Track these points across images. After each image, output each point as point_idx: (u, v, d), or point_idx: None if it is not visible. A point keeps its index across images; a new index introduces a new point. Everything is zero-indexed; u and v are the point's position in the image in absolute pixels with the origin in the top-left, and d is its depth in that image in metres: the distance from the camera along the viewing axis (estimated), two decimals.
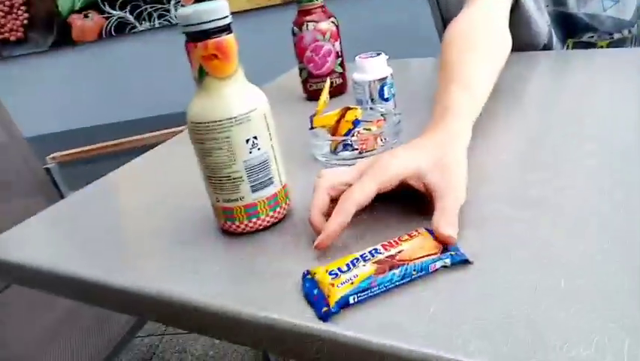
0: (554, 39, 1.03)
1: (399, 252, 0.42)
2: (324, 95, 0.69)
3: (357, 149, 0.64)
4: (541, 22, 0.99)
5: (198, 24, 0.45)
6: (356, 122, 0.66)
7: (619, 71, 0.83)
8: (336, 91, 0.92)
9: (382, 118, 0.69)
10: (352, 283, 0.40)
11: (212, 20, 0.45)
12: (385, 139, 0.66)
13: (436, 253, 0.42)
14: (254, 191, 0.51)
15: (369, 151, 0.64)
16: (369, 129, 0.66)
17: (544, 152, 0.60)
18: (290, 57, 0.96)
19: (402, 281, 0.41)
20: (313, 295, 0.41)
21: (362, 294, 0.39)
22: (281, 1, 2.30)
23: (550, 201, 0.49)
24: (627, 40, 1.04)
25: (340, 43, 0.91)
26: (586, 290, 0.37)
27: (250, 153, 0.50)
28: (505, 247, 0.44)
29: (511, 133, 0.67)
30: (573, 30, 1.03)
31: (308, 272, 0.43)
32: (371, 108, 0.73)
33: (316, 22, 0.88)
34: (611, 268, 0.39)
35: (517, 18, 0.97)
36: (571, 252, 0.42)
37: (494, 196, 0.52)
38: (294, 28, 0.90)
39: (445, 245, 0.43)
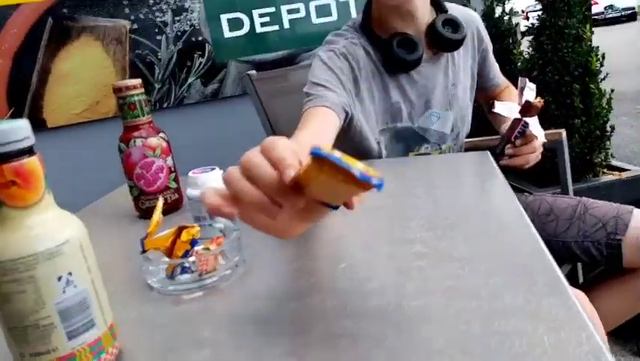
0: (395, 154, 1.13)
1: None
2: (157, 214, 0.63)
3: (196, 271, 0.59)
4: (372, 139, 1.09)
5: None
6: (193, 242, 0.61)
7: (433, 174, 0.93)
8: (172, 207, 0.87)
9: (222, 235, 0.66)
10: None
11: (9, 143, 0.39)
12: (227, 257, 0.62)
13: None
14: (70, 338, 0.42)
15: (210, 272, 0.59)
16: (208, 249, 0.62)
17: (378, 258, 0.62)
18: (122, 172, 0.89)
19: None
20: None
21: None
22: (113, 114, 2.21)
23: (391, 306, 0.50)
24: (450, 149, 1.19)
25: (173, 158, 0.88)
26: None
27: (63, 292, 0.42)
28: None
29: (345, 240, 0.69)
30: (413, 142, 1.15)
31: None
32: (209, 225, 0.69)
33: (144, 137, 0.84)
34: None
35: (351, 136, 1.06)
36: None
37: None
38: (121, 144, 0.84)
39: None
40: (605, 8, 18.73)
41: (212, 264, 0.59)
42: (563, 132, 1.39)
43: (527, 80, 1.00)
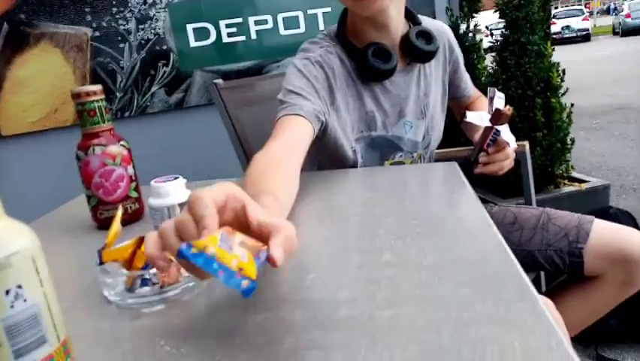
0: (371, 163, 1.14)
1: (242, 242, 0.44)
2: (115, 224, 0.61)
3: (157, 283, 0.57)
4: (348, 147, 1.09)
5: None
6: None
7: (399, 185, 0.93)
8: (132, 218, 0.84)
9: None
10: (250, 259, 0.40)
11: None
12: None
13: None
14: (18, 357, 0.39)
15: (171, 284, 0.57)
16: (169, 260, 0.59)
17: (348, 267, 0.61)
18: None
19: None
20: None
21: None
22: (72, 122, 2.14)
23: (362, 317, 0.49)
24: (421, 157, 1.20)
25: (134, 166, 0.85)
26: None
27: (12, 307, 0.38)
28: None
29: (314, 250, 0.67)
30: (388, 151, 1.15)
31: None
32: None
33: (104, 145, 0.80)
34: None
35: (326, 144, 1.06)
36: None
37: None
38: (78, 152, 0.81)
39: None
40: (562, 28, 19.55)
41: (175, 275, 0.57)
42: (527, 145, 1.42)
43: (496, 89, 1.02)
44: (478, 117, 1.03)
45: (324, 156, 1.13)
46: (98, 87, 0.81)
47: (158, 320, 0.53)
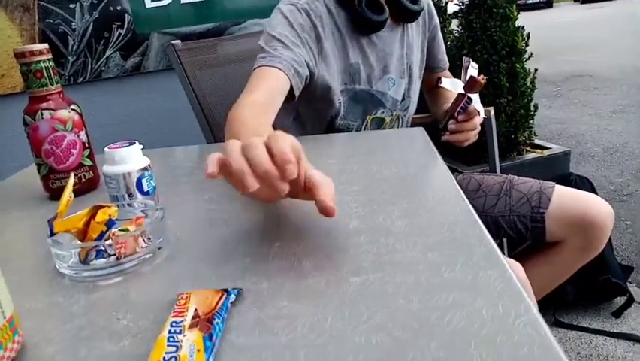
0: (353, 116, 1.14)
1: (195, 310, 0.42)
2: (66, 193, 0.57)
3: (114, 255, 0.54)
4: (335, 97, 1.08)
5: None
6: (110, 223, 0.55)
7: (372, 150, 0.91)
8: (86, 187, 0.79)
9: (143, 215, 0.60)
10: (199, 350, 0.38)
11: None
12: (149, 238, 0.57)
13: (222, 295, 0.44)
14: None
15: (129, 256, 0.54)
16: (126, 230, 0.56)
17: (315, 235, 0.59)
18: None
19: (223, 326, 0.42)
20: None
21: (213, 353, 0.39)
22: (21, 89, 2.02)
23: (330, 285, 0.47)
24: (400, 118, 1.19)
25: (87, 132, 0.80)
26: None
27: None
28: None
29: (280, 218, 0.65)
30: (371, 105, 1.14)
31: None
32: (129, 205, 0.63)
33: (53, 110, 0.75)
34: None
35: (313, 91, 1.05)
36: None
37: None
38: (26, 117, 0.75)
39: (223, 290, 0.45)
40: None
41: (132, 246, 0.54)
42: (491, 110, 1.42)
43: (471, 59, 1.03)
44: (451, 84, 1.06)
45: (306, 105, 1.11)
46: (44, 46, 0.75)
47: (115, 293, 0.51)
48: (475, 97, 1.02)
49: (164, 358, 0.36)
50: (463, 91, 1.01)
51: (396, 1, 1.08)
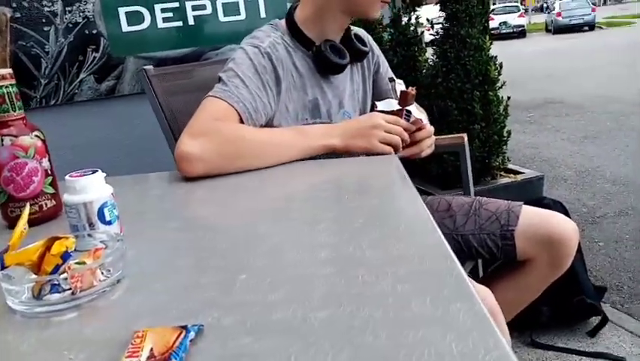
0: None
1: (151, 350, 0.40)
2: (21, 224, 0.54)
3: (69, 289, 0.51)
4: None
5: None
6: (66, 256, 0.53)
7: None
8: (48, 215, 0.76)
9: (103, 246, 0.57)
10: None
11: None
12: (108, 271, 0.54)
13: (180, 333, 0.42)
14: None
15: (85, 290, 0.51)
16: (82, 262, 0.53)
17: (283, 266, 0.57)
18: None
19: None
20: None
21: None
22: None
23: (296, 319, 0.45)
24: None
25: (50, 159, 0.77)
26: None
27: None
28: None
29: (247, 247, 0.63)
30: None
31: None
32: (89, 235, 0.61)
33: (15, 136, 0.73)
34: None
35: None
36: None
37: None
38: None
39: (182, 327, 0.43)
40: (500, 24, 20.32)
41: (89, 280, 0.51)
42: (465, 136, 1.44)
43: (394, 77, 1.12)
44: (386, 103, 1.09)
45: None
46: (7, 71, 0.73)
47: (68, 330, 0.48)
48: (413, 108, 1.06)
49: None
50: (399, 107, 1.05)
51: (351, 44, 1.15)
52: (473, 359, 0.38)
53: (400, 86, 1.08)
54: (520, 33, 20.72)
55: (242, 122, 0.98)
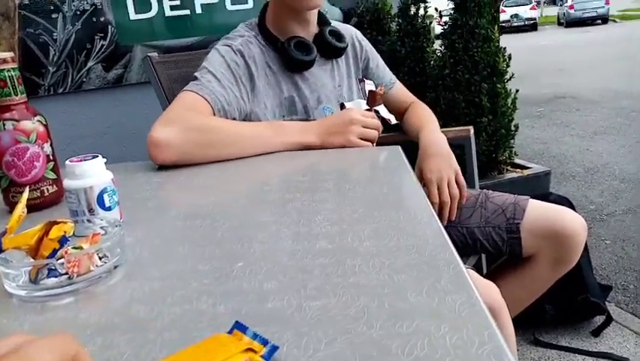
0: None
1: None
2: (19, 208, 0.54)
3: (66, 273, 0.51)
4: None
5: None
6: (63, 240, 0.53)
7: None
8: (49, 201, 0.77)
9: (101, 232, 0.58)
10: None
11: None
12: (106, 256, 0.54)
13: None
14: None
15: (82, 275, 0.51)
16: (80, 247, 0.53)
17: (280, 255, 0.57)
18: None
19: None
20: None
21: None
22: None
23: (290, 309, 0.45)
24: None
25: (52, 145, 0.77)
26: None
27: None
28: None
29: (245, 237, 0.63)
30: None
31: None
32: (88, 221, 0.61)
33: (17, 120, 0.73)
34: None
35: None
36: None
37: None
38: None
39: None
40: (511, 17, 20.11)
41: (86, 265, 0.51)
42: (471, 129, 1.42)
43: (364, 79, 1.16)
44: (356, 104, 1.12)
45: None
46: (9, 54, 0.73)
47: (66, 314, 0.48)
48: (381, 108, 1.09)
49: None
50: (367, 107, 1.07)
51: (324, 40, 1.16)
52: (467, 351, 0.38)
53: (370, 86, 1.10)
54: (531, 26, 20.49)
55: (214, 114, 1.01)
